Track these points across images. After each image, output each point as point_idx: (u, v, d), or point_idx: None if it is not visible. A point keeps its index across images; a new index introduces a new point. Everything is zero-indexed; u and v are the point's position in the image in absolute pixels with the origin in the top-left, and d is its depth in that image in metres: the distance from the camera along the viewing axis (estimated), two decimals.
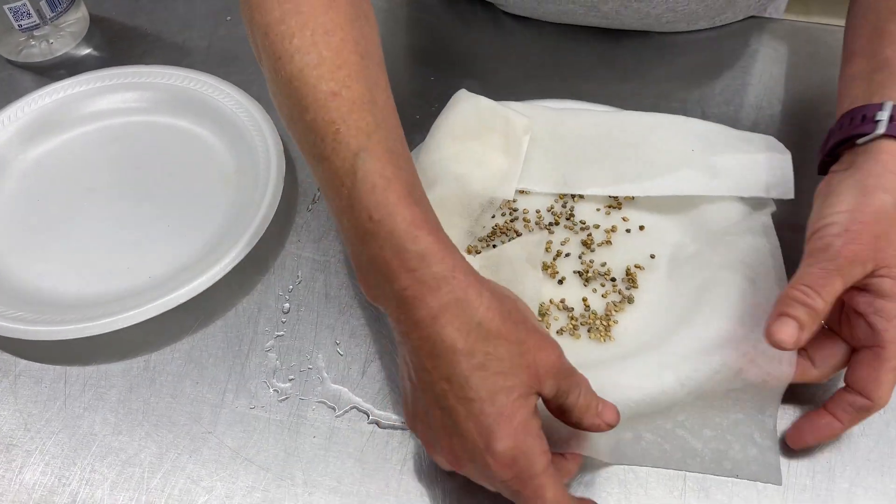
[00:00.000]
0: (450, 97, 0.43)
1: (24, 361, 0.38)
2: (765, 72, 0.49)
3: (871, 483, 0.33)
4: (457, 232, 0.40)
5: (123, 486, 0.34)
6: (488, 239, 0.41)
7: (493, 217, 0.42)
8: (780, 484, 0.33)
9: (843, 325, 0.33)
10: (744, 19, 0.52)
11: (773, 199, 0.40)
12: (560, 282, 0.39)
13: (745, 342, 0.34)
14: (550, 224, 0.42)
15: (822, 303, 0.30)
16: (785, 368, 0.33)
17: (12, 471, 0.34)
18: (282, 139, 0.43)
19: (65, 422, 0.36)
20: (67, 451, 0.35)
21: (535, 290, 0.37)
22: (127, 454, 0.35)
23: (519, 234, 0.41)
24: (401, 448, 0.34)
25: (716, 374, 0.34)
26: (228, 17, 0.54)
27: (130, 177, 0.45)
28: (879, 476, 0.33)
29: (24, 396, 0.36)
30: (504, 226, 0.42)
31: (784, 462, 0.33)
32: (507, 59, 0.51)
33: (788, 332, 0.30)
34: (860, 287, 0.32)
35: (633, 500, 0.33)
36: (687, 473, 0.33)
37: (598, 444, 0.33)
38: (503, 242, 0.40)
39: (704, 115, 0.46)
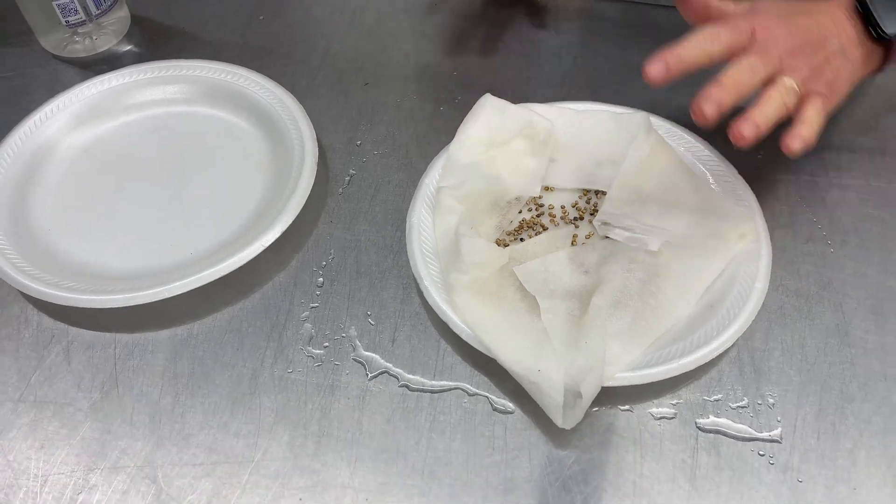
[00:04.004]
0: (474, 95, 0.45)
1: (75, 329, 0.40)
2: None
3: (874, 444, 0.35)
4: (486, 227, 0.43)
5: (170, 442, 0.36)
6: (515, 233, 0.43)
7: (520, 213, 0.44)
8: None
9: None
10: None
11: None
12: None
13: None
14: (575, 219, 0.44)
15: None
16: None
17: (67, 427, 0.37)
18: (314, 129, 0.46)
19: (114, 384, 0.38)
20: (117, 411, 0.37)
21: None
22: (173, 415, 0.37)
23: (545, 229, 0.43)
24: (430, 408, 0.37)
25: None
26: (261, 17, 0.57)
27: (172, 162, 0.47)
28: (881, 438, 0.35)
29: (77, 361, 0.39)
30: (531, 220, 0.44)
31: (790, 423, 0.36)
32: (532, 64, 0.53)
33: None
34: None
35: (647, 458, 0.35)
36: (699, 434, 0.35)
37: None
38: (530, 236, 0.43)
39: None
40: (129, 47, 0.56)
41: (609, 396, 0.36)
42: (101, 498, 0.34)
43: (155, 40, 0.56)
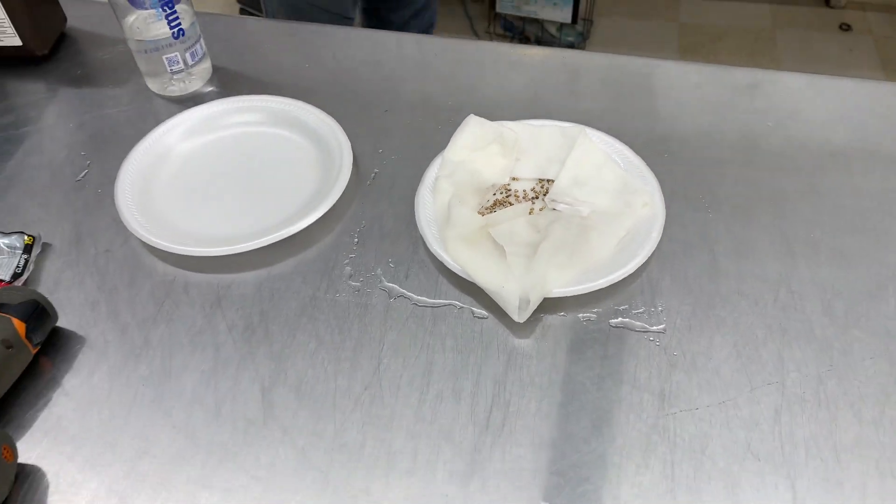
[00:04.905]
0: (462, 120, 0.65)
1: (189, 272, 0.59)
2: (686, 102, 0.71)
3: (726, 333, 0.53)
4: (470, 205, 0.61)
5: (262, 336, 0.54)
6: (491, 208, 0.62)
7: (495, 195, 0.63)
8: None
9: None
10: None
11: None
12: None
13: None
14: (533, 199, 0.62)
15: None
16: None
17: (188, 333, 0.55)
18: (350, 141, 0.66)
19: (218, 306, 0.56)
20: (221, 322, 0.55)
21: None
22: (261, 323, 0.55)
23: (511, 205, 0.62)
24: (431, 317, 0.55)
25: None
26: (307, 65, 0.77)
27: (249, 165, 0.67)
28: (732, 329, 0.53)
29: (191, 293, 0.57)
30: (502, 199, 0.63)
31: (672, 322, 0.53)
32: (504, 95, 0.73)
33: None
34: None
35: (575, 344, 0.53)
36: (611, 329, 0.53)
37: None
38: (502, 209, 0.61)
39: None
40: (210, 88, 0.76)
41: (550, 305, 0.54)
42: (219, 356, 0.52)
43: (229, 83, 0.76)
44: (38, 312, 0.52)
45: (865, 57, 2.17)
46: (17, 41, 0.76)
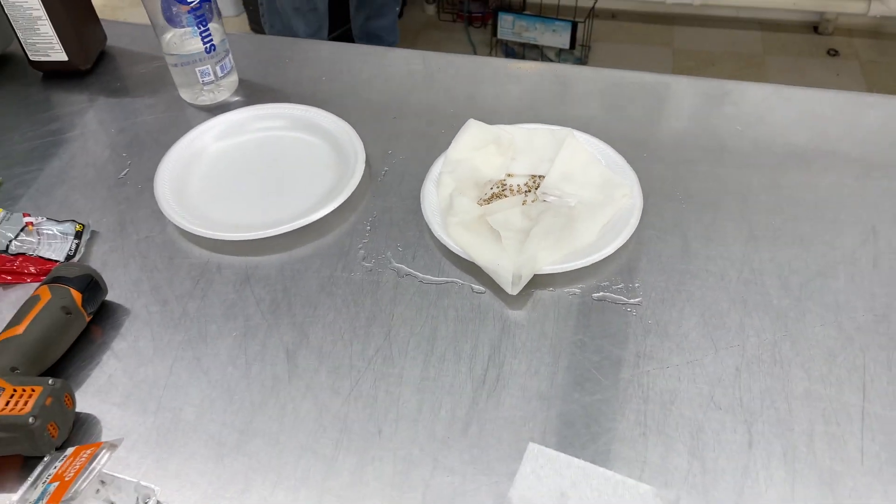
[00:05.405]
0: (463, 124, 0.73)
1: (221, 255, 0.66)
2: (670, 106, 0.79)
3: (694, 306, 0.60)
4: (469, 197, 0.69)
5: (285, 310, 0.61)
6: (489, 200, 0.70)
7: (492, 189, 0.71)
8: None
9: None
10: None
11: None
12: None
13: None
14: (526, 192, 0.70)
15: None
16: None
17: (221, 306, 0.62)
18: (363, 143, 0.73)
19: (247, 283, 0.64)
20: (250, 298, 0.63)
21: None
22: (284, 299, 0.62)
23: (507, 197, 0.69)
24: (435, 293, 0.62)
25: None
26: (323, 78, 0.86)
27: (273, 164, 0.74)
28: (700, 302, 0.60)
29: (224, 274, 0.65)
30: (498, 193, 0.70)
31: (647, 295, 0.60)
32: (501, 103, 0.81)
33: None
34: None
35: (561, 315, 0.60)
36: (593, 301, 0.60)
37: None
38: (498, 201, 0.69)
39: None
40: (237, 98, 0.84)
41: (540, 281, 0.61)
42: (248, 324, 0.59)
43: (253, 94, 0.84)
44: (92, 285, 0.59)
45: (852, 81, 2.26)
46: (63, 56, 0.85)
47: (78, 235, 0.67)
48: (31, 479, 0.48)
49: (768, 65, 2.34)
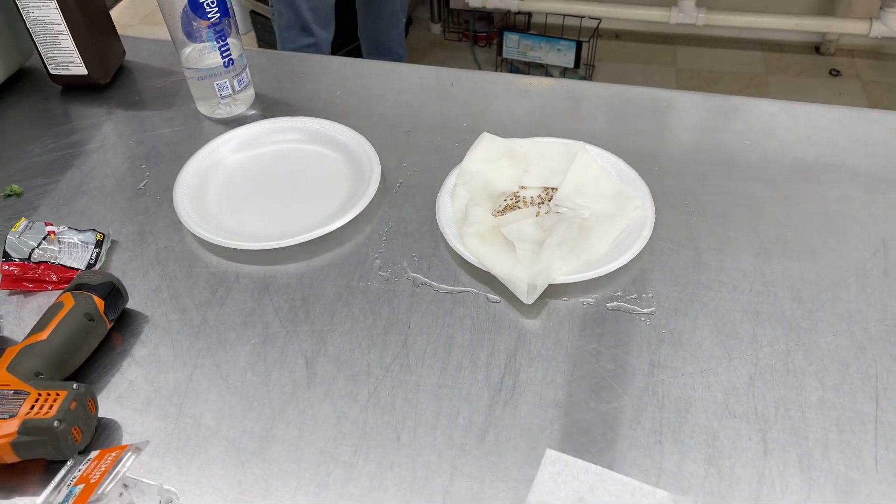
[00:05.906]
0: (477, 137, 0.74)
1: (239, 264, 0.67)
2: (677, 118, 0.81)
3: (707, 316, 0.61)
4: (483, 209, 0.70)
5: (304, 315, 0.62)
6: (503, 212, 0.71)
7: (505, 201, 0.72)
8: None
9: None
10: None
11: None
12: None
13: None
14: (539, 204, 0.71)
15: None
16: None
17: (240, 314, 0.63)
18: (378, 156, 0.75)
19: (266, 291, 0.65)
20: (269, 306, 0.63)
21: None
22: (303, 307, 0.63)
23: (520, 209, 0.70)
24: (450, 302, 0.63)
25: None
26: (338, 92, 0.87)
27: (290, 176, 0.76)
28: (713, 312, 0.61)
29: (242, 282, 0.66)
30: (511, 205, 0.71)
31: (660, 305, 0.61)
32: (513, 118, 0.83)
33: None
34: None
35: (576, 324, 0.60)
36: (607, 311, 0.61)
37: None
38: (512, 213, 0.70)
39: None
40: (253, 112, 0.85)
41: (555, 291, 0.62)
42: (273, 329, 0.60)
43: (269, 108, 0.86)
44: (114, 292, 0.60)
45: (854, 100, 2.28)
46: (83, 70, 0.86)
47: (98, 244, 0.68)
48: (54, 482, 0.48)
49: (771, 84, 2.37)
